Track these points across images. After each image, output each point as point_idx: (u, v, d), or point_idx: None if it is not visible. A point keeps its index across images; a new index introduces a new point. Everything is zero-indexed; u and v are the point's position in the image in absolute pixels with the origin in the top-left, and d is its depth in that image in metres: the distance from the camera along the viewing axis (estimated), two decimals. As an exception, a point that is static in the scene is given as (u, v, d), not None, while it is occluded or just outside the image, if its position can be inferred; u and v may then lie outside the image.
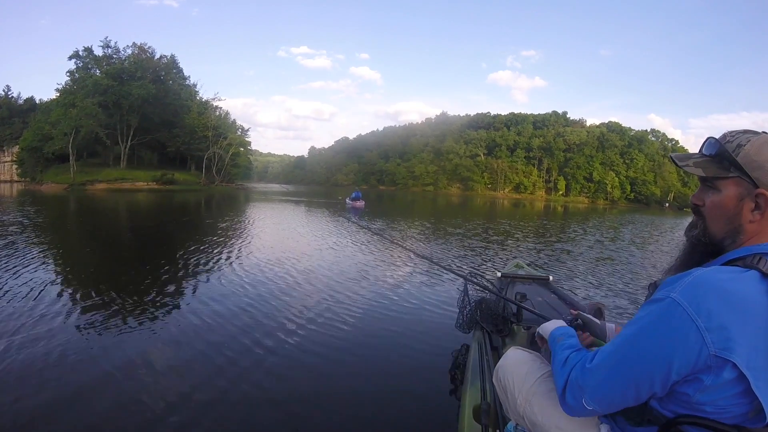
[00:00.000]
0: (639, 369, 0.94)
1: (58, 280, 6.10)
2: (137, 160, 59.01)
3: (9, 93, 77.46)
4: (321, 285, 6.41)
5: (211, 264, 7.56)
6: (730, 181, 1.02)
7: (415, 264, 8.30)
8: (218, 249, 9.10)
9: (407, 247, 6.99)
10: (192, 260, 7.80)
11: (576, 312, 1.81)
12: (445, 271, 7.34)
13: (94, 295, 5.44)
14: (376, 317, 5.02)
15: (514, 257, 8.03)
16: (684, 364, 0.89)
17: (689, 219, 1.15)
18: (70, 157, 50.68)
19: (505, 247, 11.59)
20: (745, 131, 1.03)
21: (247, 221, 16.67)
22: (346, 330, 4.55)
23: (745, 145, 1.00)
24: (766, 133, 1.02)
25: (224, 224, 14.97)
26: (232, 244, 10.01)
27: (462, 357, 3.07)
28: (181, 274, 6.84)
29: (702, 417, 0.93)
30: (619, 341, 1.00)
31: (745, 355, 0.85)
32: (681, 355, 0.89)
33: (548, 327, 1.45)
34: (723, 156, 1.03)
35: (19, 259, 7.31)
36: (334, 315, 5.01)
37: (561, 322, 1.48)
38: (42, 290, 5.48)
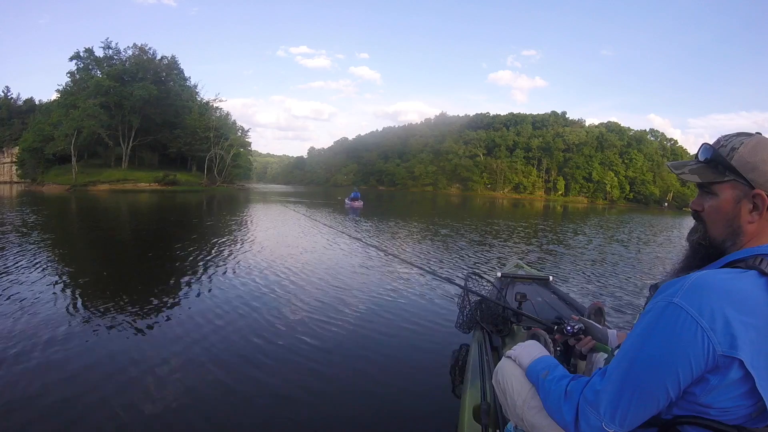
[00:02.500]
0: (654, 380, 0.93)
1: (68, 282, 6.16)
2: (138, 161, 58.86)
3: (8, 94, 77.26)
4: (321, 285, 6.44)
5: (216, 265, 7.61)
6: (726, 185, 1.03)
7: (414, 265, 8.32)
8: (223, 250, 9.16)
9: (406, 251, 7.00)
10: (197, 262, 7.87)
11: (578, 317, 1.85)
12: (444, 271, 7.34)
13: (102, 295, 5.53)
14: (375, 318, 5.04)
15: (509, 253, 8.05)
16: (696, 367, 0.89)
17: (688, 218, 1.16)
18: (72, 158, 50.59)
19: (504, 247, 11.60)
20: (739, 134, 1.04)
21: (250, 222, 16.75)
22: (345, 330, 4.58)
23: (738, 148, 1.01)
24: (759, 134, 1.03)
25: (229, 225, 15.05)
26: (236, 244, 10.07)
27: (462, 357, 3.09)
28: (186, 275, 6.89)
29: (703, 418, 0.93)
30: (627, 355, 0.98)
31: (749, 352, 0.86)
32: (691, 358, 0.89)
33: (524, 357, 1.41)
34: (717, 161, 1.05)
35: (32, 258, 7.37)
36: (334, 315, 5.04)
37: (537, 350, 1.42)
38: (54, 291, 5.54)
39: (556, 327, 1.87)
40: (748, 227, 1.01)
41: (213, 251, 8.95)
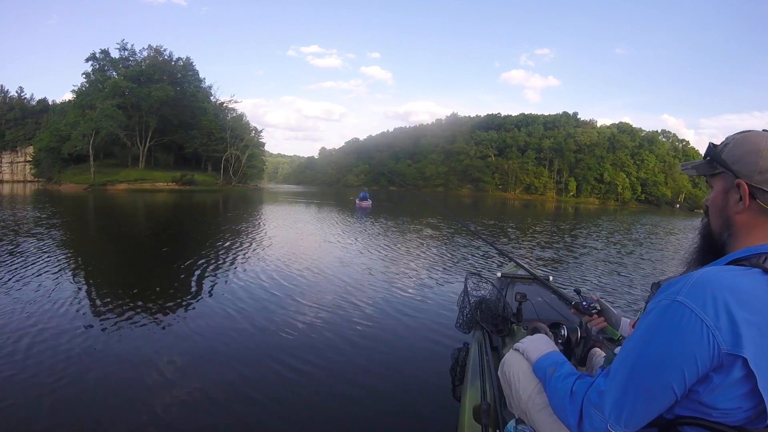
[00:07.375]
0: (659, 380, 0.92)
1: (92, 277, 6.36)
2: (153, 161, 59.66)
3: (22, 94, 78.48)
4: (323, 285, 6.54)
5: (229, 264, 7.80)
6: (718, 177, 1.08)
7: (415, 265, 8.34)
8: (238, 249, 9.36)
9: (407, 250, 7.03)
10: (214, 260, 8.04)
11: (597, 298, 1.86)
12: (444, 272, 7.36)
13: (123, 291, 5.76)
14: (376, 318, 5.09)
15: (511, 253, 8.02)
16: (701, 366, 0.88)
17: (699, 220, 1.19)
18: (90, 158, 51.28)
19: (506, 246, 11.55)
20: (742, 132, 1.08)
21: (265, 222, 17.04)
22: (346, 331, 4.64)
23: (730, 143, 1.05)
24: (766, 130, 1.04)
25: (246, 224, 15.42)
26: (250, 243, 10.29)
27: (462, 357, 3.08)
28: (202, 272, 7.05)
29: (704, 419, 0.93)
30: (630, 356, 0.98)
31: (753, 350, 0.85)
32: (697, 356, 0.88)
33: (532, 351, 1.42)
34: (713, 156, 1.09)
35: (65, 253, 7.56)
36: (334, 315, 5.11)
37: (545, 345, 1.42)
38: (80, 286, 5.73)
39: (573, 302, 1.90)
40: (737, 218, 1.03)
41: (230, 250, 9.13)
